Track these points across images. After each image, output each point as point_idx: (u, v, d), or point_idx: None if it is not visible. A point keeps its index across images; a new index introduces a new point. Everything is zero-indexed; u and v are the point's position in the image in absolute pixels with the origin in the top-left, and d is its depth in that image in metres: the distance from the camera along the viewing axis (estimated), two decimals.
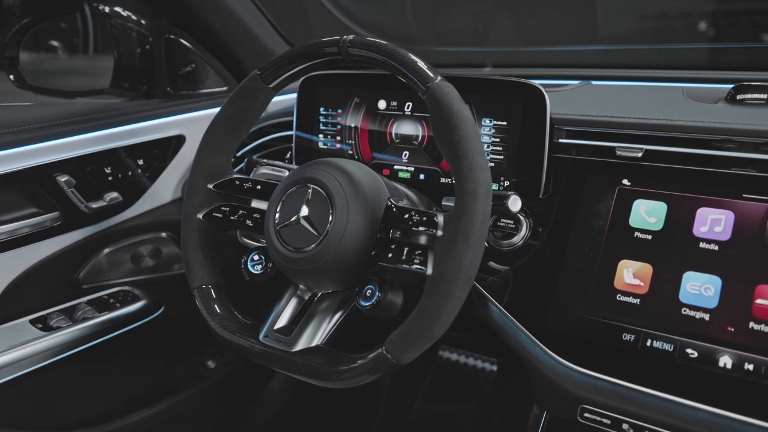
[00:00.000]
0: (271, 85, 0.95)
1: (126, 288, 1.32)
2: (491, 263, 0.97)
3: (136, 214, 1.32)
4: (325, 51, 0.89)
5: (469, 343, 1.53)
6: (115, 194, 1.25)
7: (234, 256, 1.03)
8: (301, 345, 0.86)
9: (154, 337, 1.35)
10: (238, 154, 1.35)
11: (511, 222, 0.97)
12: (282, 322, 0.90)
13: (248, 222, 0.95)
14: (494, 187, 1.01)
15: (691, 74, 1.21)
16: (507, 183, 1.00)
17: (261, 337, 0.88)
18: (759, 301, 0.78)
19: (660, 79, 1.23)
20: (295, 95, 1.20)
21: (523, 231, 0.96)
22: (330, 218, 0.82)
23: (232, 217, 0.96)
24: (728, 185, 0.85)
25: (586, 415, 0.84)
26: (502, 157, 1.00)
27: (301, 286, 0.92)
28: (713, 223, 0.84)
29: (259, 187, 0.96)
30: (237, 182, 0.97)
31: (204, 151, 0.98)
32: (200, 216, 0.97)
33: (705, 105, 1.01)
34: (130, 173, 1.28)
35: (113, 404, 1.39)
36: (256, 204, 0.97)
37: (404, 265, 0.81)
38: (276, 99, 1.45)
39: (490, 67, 1.47)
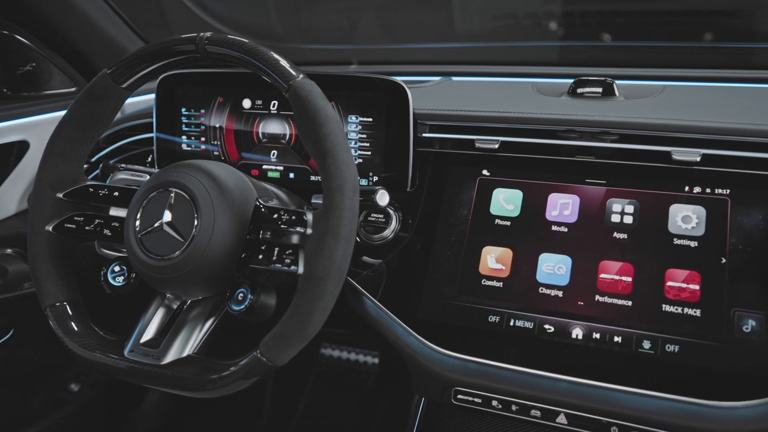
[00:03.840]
0: (123, 85, 0.89)
1: None
2: (364, 258, 0.99)
3: None
4: (180, 49, 0.85)
5: (350, 338, 1.55)
6: None
7: (92, 268, 0.96)
8: (171, 357, 0.82)
9: (3, 363, 1.22)
10: (93, 159, 1.26)
11: (381, 216, 0.99)
12: (149, 334, 0.85)
13: (106, 231, 0.89)
14: (364, 182, 1.02)
15: (540, 70, 1.31)
16: (376, 178, 1.02)
17: (126, 352, 0.83)
18: (602, 275, 0.86)
19: (513, 75, 1.32)
20: (153, 95, 1.14)
21: (393, 224, 0.98)
22: (195, 222, 0.80)
23: (87, 228, 0.90)
24: (574, 172, 0.93)
25: (459, 396, 0.88)
26: (370, 153, 1.02)
27: (168, 295, 0.88)
28: (562, 207, 0.92)
29: (116, 193, 0.90)
30: (91, 189, 0.91)
31: (50, 157, 0.90)
32: (49, 228, 0.89)
33: (551, 98, 1.09)
34: None
35: None
36: (114, 212, 0.91)
37: (276, 266, 0.80)
38: (134, 100, 1.38)
39: (356, 64, 1.49)
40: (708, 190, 0.86)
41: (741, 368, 0.77)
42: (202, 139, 1.12)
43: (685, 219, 0.86)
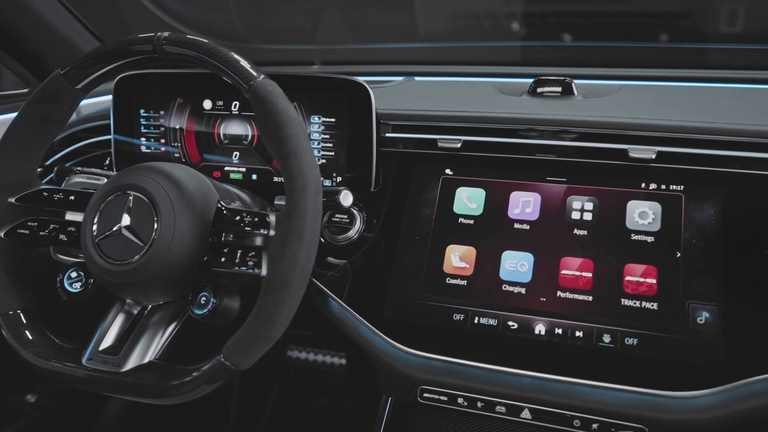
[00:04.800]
0: (78, 87, 0.87)
1: None
2: (329, 258, 0.98)
3: None
4: (137, 49, 0.83)
5: (316, 340, 1.54)
6: None
7: (48, 274, 0.93)
8: (131, 363, 0.80)
9: None
10: (47, 162, 1.22)
11: (345, 217, 0.99)
12: (108, 341, 0.84)
13: (62, 236, 0.87)
14: (327, 183, 1.02)
15: (501, 70, 1.33)
16: (339, 179, 1.02)
17: (84, 360, 0.82)
18: (564, 271, 0.88)
19: (474, 75, 1.33)
20: (111, 96, 1.11)
21: (358, 225, 0.98)
22: (155, 226, 0.78)
23: (41, 233, 0.87)
24: (535, 170, 0.95)
25: (425, 395, 0.88)
26: (333, 153, 1.02)
27: (128, 301, 0.86)
28: (524, 204, 0.93)
29: (72, 197, 0.88)
30: (45, 194, 0.89)
31: (1, 160, 0.88)
32: (1, 234, 0.87)
33: (512, 98, 1.11)
34: None
35: None
36: (70, 216, 0.89)
37: (239, 269, 0.79)
38: (90, 101, 1.35)
39: (319, 64, 1.48)
40: (663, 187, 0.89)
41: (696, 359, 0.79)
42: (162, 140, 1.10)
43: (642, 215, 0.88)
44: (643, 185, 0.89)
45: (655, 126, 0.92)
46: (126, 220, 0.79)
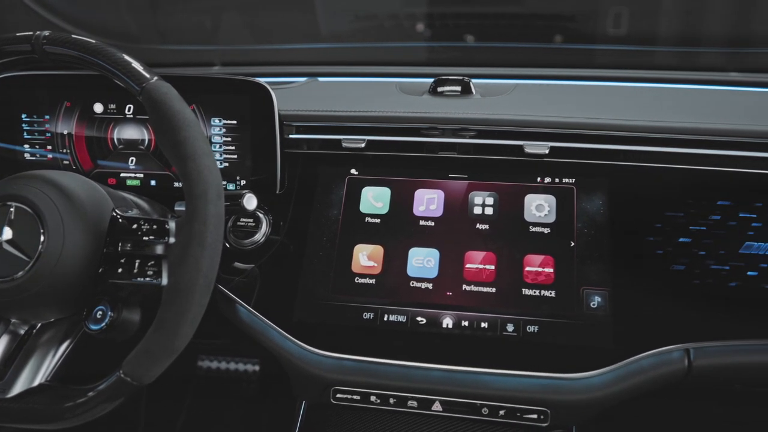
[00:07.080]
0: None
1: None
2: (236, 264, 0.96)
3: None
4: (12, 49, 0.78)
5: (228, 348, 1.50)
6: None
7: None
8: (18, 388, 0.75)
9: None
10: None
11: (251, 220, 0.97)
12: None
13: None
14: (231, 186, 1.00)
15: (402, 70, 1.35)
16: (244, 182, 1.00)
17: None
18: (468, 265, 0.90)
19: (377, 75, 1.35)
20: None
21: (264, 228, 0.97)
22: (42, 238, 0.74)
23: None
24: (438, 167, 0.97)
25: (338, 395, 0.88)
26: (236, 156, 0.99)
27: (13, 320, 0.80)
28: (428, 202, 0.95)
29: None
30: None
31: None
32: None
33: (413, 97, 1.13)
34: None
35: None
36: None
37: (138, 279, 0.76)
38: None
39: (219, 66, 1.44)
40: (557, 180, 0.94)
41: (590, 341, 0.84)
42: (49, 147, 1.03)
43: (539, 207, 0.92)
44: (538, 179, 0.94)
45: (548, 123, 0.97)
46: (7, 233, 0.74)
